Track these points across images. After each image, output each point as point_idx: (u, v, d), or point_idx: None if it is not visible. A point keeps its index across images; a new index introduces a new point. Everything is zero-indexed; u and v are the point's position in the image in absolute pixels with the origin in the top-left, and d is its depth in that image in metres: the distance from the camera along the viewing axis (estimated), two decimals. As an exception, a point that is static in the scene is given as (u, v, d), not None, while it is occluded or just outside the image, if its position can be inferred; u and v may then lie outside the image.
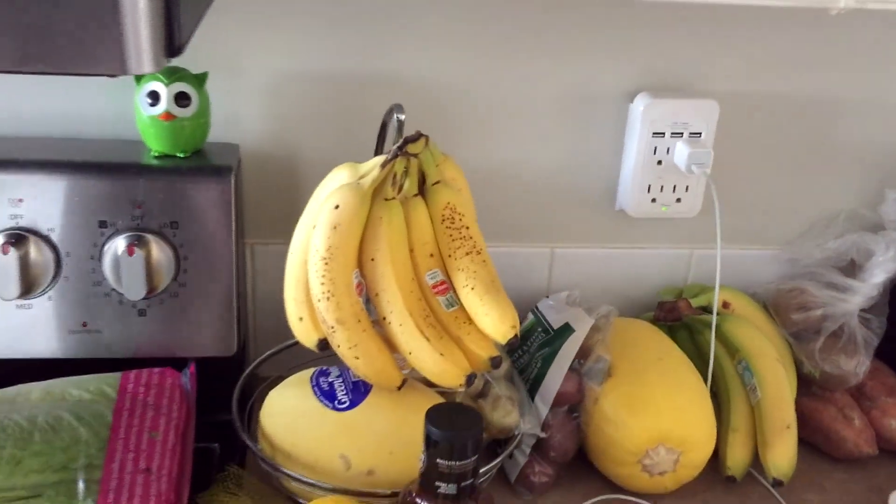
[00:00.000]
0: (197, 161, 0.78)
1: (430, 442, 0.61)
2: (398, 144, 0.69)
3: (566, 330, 0.81)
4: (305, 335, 0.71)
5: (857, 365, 0.86)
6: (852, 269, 0.91)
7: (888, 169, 0.95)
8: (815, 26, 0.87)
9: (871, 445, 0.86)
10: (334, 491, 0.68)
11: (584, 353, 0.80)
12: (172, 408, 0.74)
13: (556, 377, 0.78)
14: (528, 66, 0.85)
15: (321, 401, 0.72)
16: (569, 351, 0.79)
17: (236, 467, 0.76)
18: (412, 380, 0.73)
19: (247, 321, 0.88)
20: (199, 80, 0.77)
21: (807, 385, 0.88)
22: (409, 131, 0.71)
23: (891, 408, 0.87)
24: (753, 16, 0.86)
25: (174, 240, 0.76)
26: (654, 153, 0.87)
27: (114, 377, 0.75)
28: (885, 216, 0.91)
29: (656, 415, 0.77)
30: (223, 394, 0.79)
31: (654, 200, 0.90)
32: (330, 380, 0.74)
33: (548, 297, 0.90)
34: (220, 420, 0.78)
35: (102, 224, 0.75)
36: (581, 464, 0.82)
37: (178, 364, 0.78)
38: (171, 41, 0.45)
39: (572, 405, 0.79)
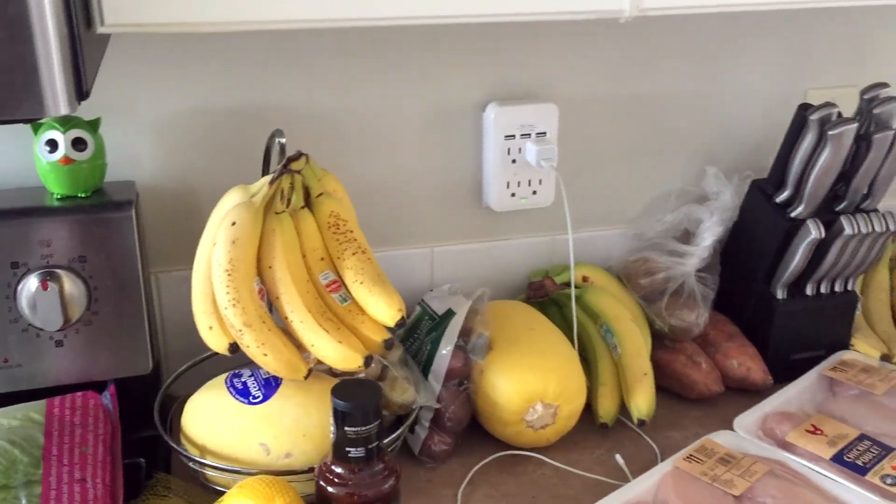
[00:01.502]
0: (97, 199, 0.85)
1: (337, 414, 0.70)
2: (282, 164, 0.79)
3: (449, 314, 0.92)
4: (217, 342, 0.79)
5: (697, 317, 1.01)
6: (687, 237, 1.06)
7: (707, 150, 1.10)
8: (637, 33, 1.02)
9: (718, 384, 1.00)
10: (257, 474, 0.76)
11: (466, 333, 0.91)
12: (98, 425, 0.81)
13: (444, 356, 0.89)
14: (393, 87, 0.97)
15: (237, 398, 0.80)
16: (453, 331, 0.90)
17: (163, 474, 0.83)
18: (318, 371, 0.82)
19: (159, 343, 0.95)
20: (93, 125, 0.84)
21: (659, 339, 1.02)
22: (292, 152, 0.81)
23: (731, 351, 1.02)
24: (582, 28, 1.00)
25: (84, 273, 0.83)
26: (509, 153, 1.00)
27: (39, 404, 0.81)
28: (707, 189, 1.07)
29: (532, 376, 0.89)
30: (144, 411, 0.86)
31: (513, 195, 1.03)
32: (243, 379, 0.82)
33: (431, 290, 1.01)
34: (144, 437, 0.86)
35: (14, 265, 0.81)
36: (475, 430, 0.93)
37: (101, 387, 0.85)
38: (80, 86, 0.54)
39: (461, 379, 0.90)
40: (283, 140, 0.82)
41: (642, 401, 0.94)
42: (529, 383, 0.88)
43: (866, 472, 0.83)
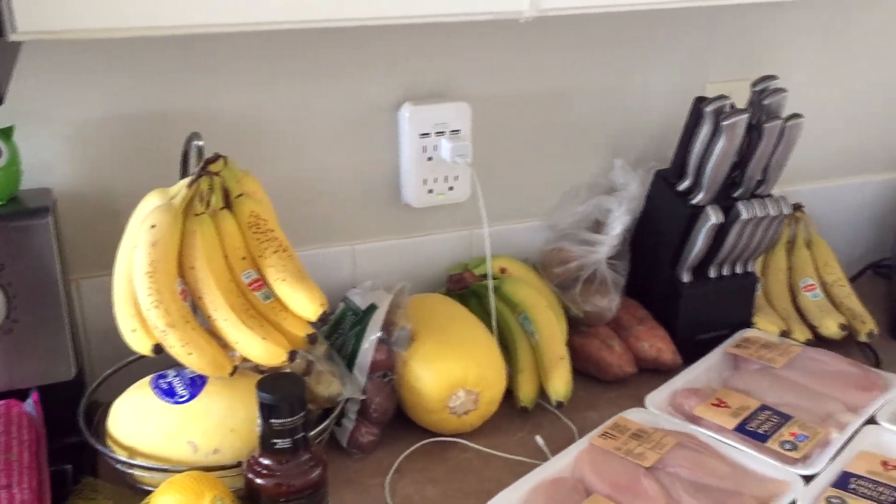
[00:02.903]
0: (13, 207, 0.85)
1: (263, 407, 0.72)
2: (200, 166, 0.81)
3: (371, 309, 0.95)
4: (140, 343, 0.80)
5: (610, 302, 1.06)
6: (598, 226, 1.11)
7: (613, 144, 1.16)
8: (544, 32, 1.06)
9: (631, 366, 1.05)
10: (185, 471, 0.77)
11: (389, 326, 0.94)
12: (22, 432, 0.81)
13: (368, 349, 0.92)
14: (308, 88, 0.99)
15: (162, 399, 0.82)
16: (375, 325, 0.93)
17: (91, 478, 0.84)
18: (244, 369, 0.84)
19: (83, 349, 0.95)
20: (6, 133, 0.84)
21: (575, 325, 1.06)
22: (210, 155, 0.82)
23: (642, 333, 1.07)
24: (491, 27, 1.04)
25: (2, 281, 0.83)
26: (424, 151, 1.03)
27: (-40, 415, 0.81)
28: (615, 181, 1.12)
29: (453, 365, 0.92)
30: (70, 417, 0.86)
31: (431, 191, 1.06)
32: (168, 380, 0.83)
33: (354, 287, 1.04)
34: (71, 443, 0.86)
35: (-70, 275, 0.81)
36: (401, 420, 0.95)
37: (24, 394, 0.85)
38: (-4, 93, 0.55)
39: (385, 370, 0.93)
40: (201, 143, 0.84)
41: (559, 384, 0.98)
42: (451, 371, 0.92)
43: (767, 440, 0.89)
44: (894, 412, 0.94)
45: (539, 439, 0.94)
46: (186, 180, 0.80)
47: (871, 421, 0.93)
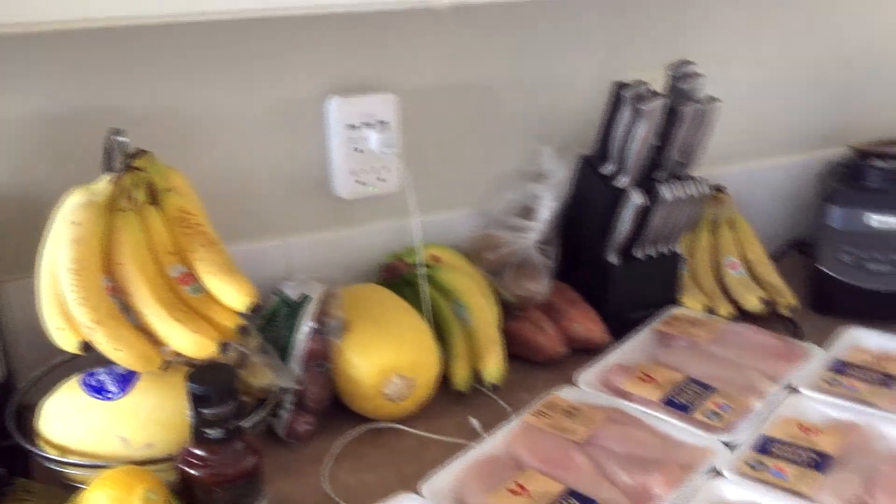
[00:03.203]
0: (-67, 210, 0.84)
1: (193, 398, 0.73)
2: (123, 161, 0.80)
3: (305, 300, 0.96)
4: (67, 341, 0.79)
5: (541, 286, 1.08)
6: (527, 212, 1.13)
7: (541, 131, 1.18)
8: (466, 22, 1.08)
9: (563, 346, 1.07)
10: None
11: (323, 316, 0.95)
12: (-50, 437, 0.80)
13: (302, 339, 0.93)
14: (233, 82, 0.99)
15: (92, 396, 0.81)
16: (309, 315, 0.94)
17: (24, 479, 0.83)
18: (176, 364, 0.84)
19: (11, 351, 0.94)
20: (-78, 134, 0.83)
21: (508, 310, 1.08)
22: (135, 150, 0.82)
23: (573, 315, 1.10)
24: (414, 17, 1.05)
25: (-76, 285, 0.82)
26: (353, 143, 1.04)
27: None
28: (542, 168, 1.14)
29: (387, 352, 0.93)
30: (1, 421, 0.85)
31: (361, 183, 1.07)
32: (98, 377, 0.83)
33: (287, 280, 1.04)
34: (3, 447, 0.85)
35: None
36: (339, 409, 0.96)
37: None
38: None
39: (320, 360, 0.94)
40: (123, 138, 0.83)
41: (493, 367, 1.00)
42: (385, 358, 0.93)
43: (692, 411, 0.92)
44: (813, 379, 0.98)
45: (474, 421, 0.96)
46: (109, 176, 0.80)
47: (792, 389, 0.96)
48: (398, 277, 1.08)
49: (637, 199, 1.05)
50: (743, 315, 1.15)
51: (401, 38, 1.06)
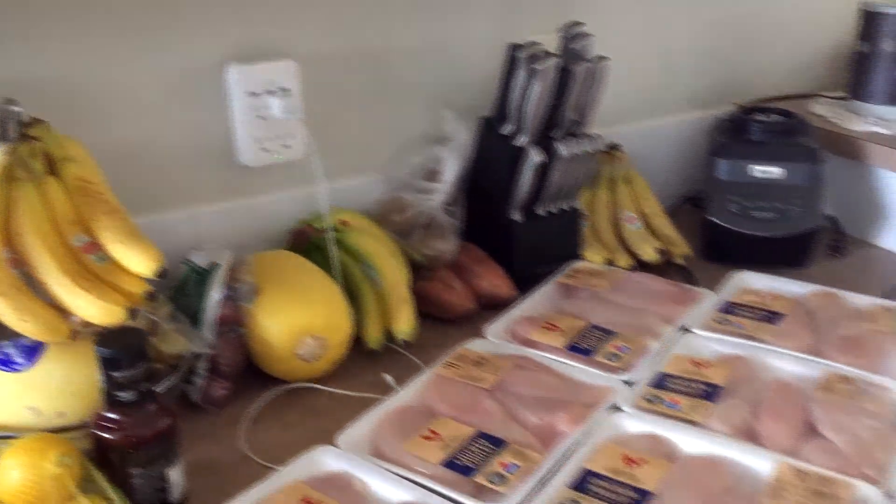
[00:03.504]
0: None
1: (103, 361, 0.73)
2: (18, 131, 0.79)
3: (214, 267, 0.96)
4: (-30, 316, 0.78)
5: (448, 245, 1.11)
6: (432, 175, 1.16)
7: (443, 96, 1.21)
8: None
9: (472, 302, 1.11)
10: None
11: (233, 282, 0.96)
12: None
13: (213, 305, 0.93)
14: (131, 52, 0.98)
15: (-1, 369, 0.81)
16: (219, 282, 0.94)
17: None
18: (86, 333, 0.84)
19: None
20: None
21: (418, 270, 1.11)
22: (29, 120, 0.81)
23: (481, 272, 1.13)
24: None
25: None
26: (255, 110, 1.05)
27: None
28: (445, 131, 1.17)
29: (299, 313, 0.95)
30: None
31: (267, 150, 1.08)
32: (4, 350, 0.82)
33: (195, 250, 1.05)
34: None
35: None
36: (253, 372, 0.98)
37: None
38: None
39: (233, 325, 0.95)
40: (17, 108, 0.82)
41: (404, 323, 1.03)
42: (297, 319, 0.94)
43: (594, 354, 0.97)
44: (704, 319, 1.04)
45: (387, 377, 0.98)
46: (4, 147, 0.79)
47: (685, 329, 1.02)
48: (307, 243, 1.09)
49: (536, 156, 1.09)
50: (641, 265, 1.21)
51: (299, 4, 1.07)
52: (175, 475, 0.77)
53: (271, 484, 0.78)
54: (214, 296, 0.94)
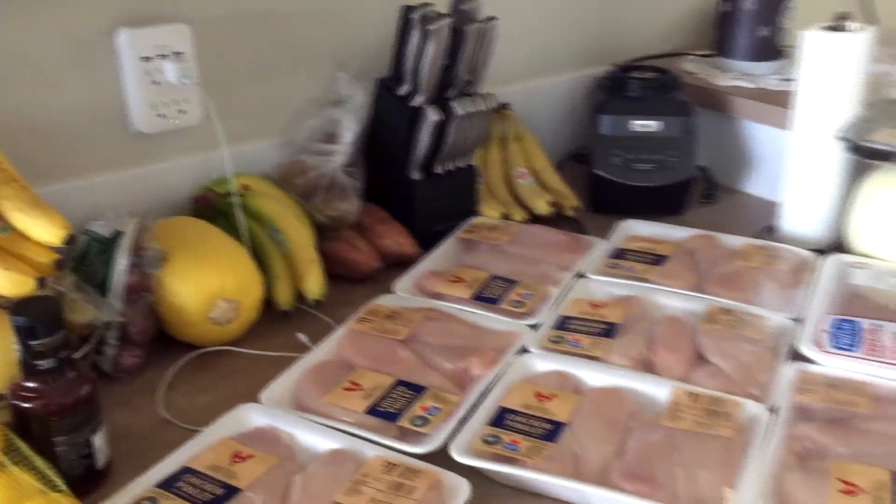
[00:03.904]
0: None
1: (19, 331, 0.72)
2: None
3: (117, 235, 0.95)
4: None
5: (351, 206, 1.14)
6: (331, 137, 1.17)
7: (339, 58, 1.22)
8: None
9: (377, 261, 1.14)
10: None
11: (138, 249, 0.95)
12: None
13: (120, 273, 0.92)
14: (19, 15, 0.94)
15: None
16: (124, 250, 0.93)
17: None
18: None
19: None
20: None
21: (322, 232, 1.13)
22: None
23: (384, 232, 1.16)
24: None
25: None
26: (149, 75, 1.03)
27: None
28: (341, 93, 1.19)
29: (210, 276, 0.95)
30: None
31: (163, 116, 1.06)
32: None
33: (94, 220, 1.02)
34: None
35: None
36: (166, 340, 0.97)
37: None
38: None
39: (141, 292, 0.94)
40: None
41: (313, 283, 1.05)
42: (209, 283, 0.95)
43: (499, 302, 1.02)
44: (597, 265, 1.11)
45: (301, 336, 1.00)
46: None
47: (581, 275, 1.09)
48: (210, 208, 1.09)
49: (433, 115, 1.12)
50: (534, 218, 1.27)
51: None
52: (99, 441, 0.77)
53: (198, 443, 0.80)
54: (121, 263, 0.93)
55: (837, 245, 1.15)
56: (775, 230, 1.23)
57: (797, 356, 0.92)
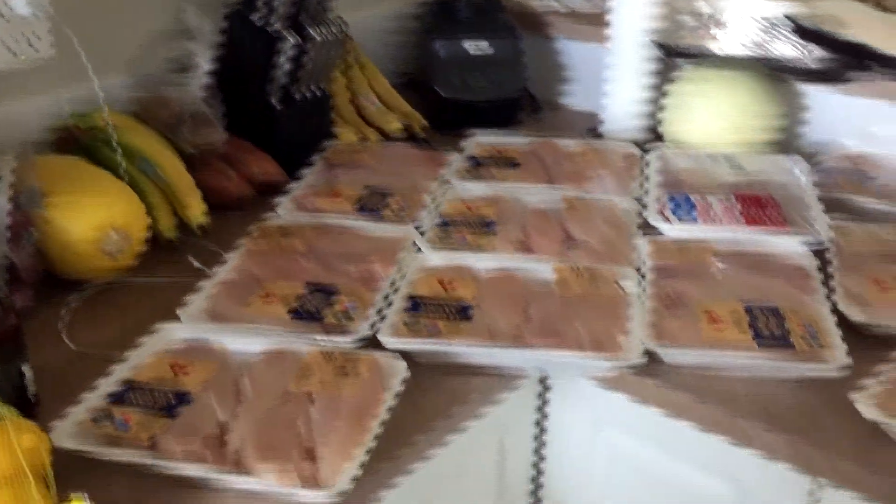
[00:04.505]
0: None
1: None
2: None
3: (-11, 175, 0.91)
4: None
5: (217, 135, 1.14)
6: (184, 69, 1.16)
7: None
8: None
9: (248, 188, 1.15)
10: None
11: (18, 190, 0.91)
12: None
13: (1, 213, 0.88)
14: None
15: None
16: (2, 190, 0.89)
17: None
18: None
19: None
20: None
21: (190, 163, 1.12)
22: None
23: (250, 160, 1.18)
24: None
25: None
26: (-4, 7, 0.97)
27: None
28: (190, 24, 1.17)
29: (97, 208, 0.94)
30: None
31: (11, 52, 1.01)
32: None
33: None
34: None
35: None
36: (56, 281, 0.95)
37: None
38: None
39: (23, 231, 0.90)
40: None
41: (196, 210, 1.05)
42: (96, 214, 0.93)
43: (381, 212, 1.09)
44: (460, 172, 1.20)
45: (193, 260, 1.01)
46: None
47: (447, 182, 1.17)
48: (74, 145, 1.05)
49: (292, 41, 1.14)
50: (386, 138, 1.33)
51: None
52: (28, 372, 0.76)
53: (132, 362, 0.80)
54: (1, 203, 0.89)
55: (655, 138, 1.33)
56: (599, 132, 1.38)
57: (647, 229, 1.06)
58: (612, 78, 1.34)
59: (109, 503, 0.69)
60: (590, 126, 1.40)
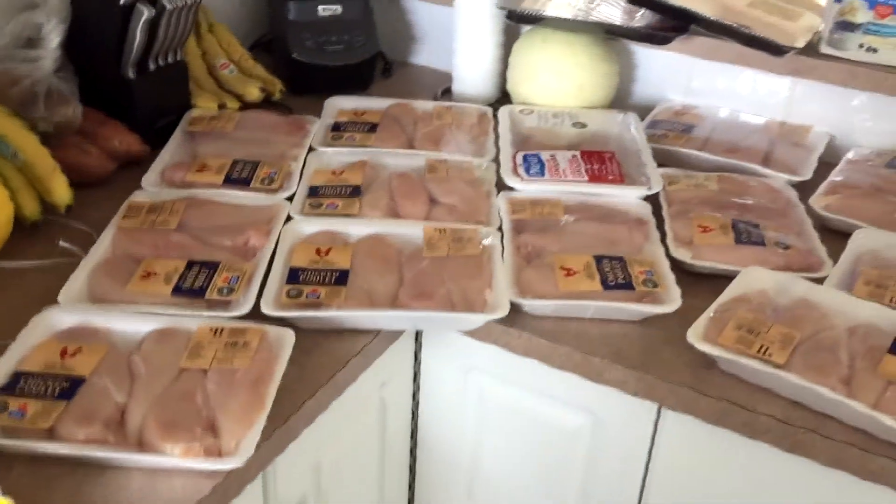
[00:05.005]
0: None
1: None
2: None
3: None
4: None
5: (74, 110, 1.12)
6: (31, 43, 1.13)
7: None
8: None
9: (110, 163, 1.14)
10: None
11: None
12: None
13: None
14: None
15: None
16: None
17: None
18: None
19: None
20: None
21: (47, 140, 1.10)
22: None
23: (108, 133, 1.16)
24: None
25: None
26: None
27: None
28: (35, -6, 1.14)
29: (-40, 196, 0.92)
30: None
31: None
32: None
33: None
34: None
35: None
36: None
37: None
38: None
39: None
40: None
41: (62, 190, 1.04)
42: (-40, 204, 0.91)
43: (250, 182, 1.11)
44: (323, 139, 1.23)
45: (64, 242, 1.00)
46: None
47: (312, 149, 1.21)
48: (-80, 129, 1.01)
49: (146, 11, 1.13)
50: (246, 105, 1.34)
51: None
52: (-89, 372, 0.75)
53: (17, 351, 0.81)
54: None
55: (503, 98, 1.41)
56: (451, 92, 1.45)
57: (503, 187, 1.15)
58: (460, 39, 1.41)
59: (13, 493, 0.71)
60: (444, 86, 1.47)
